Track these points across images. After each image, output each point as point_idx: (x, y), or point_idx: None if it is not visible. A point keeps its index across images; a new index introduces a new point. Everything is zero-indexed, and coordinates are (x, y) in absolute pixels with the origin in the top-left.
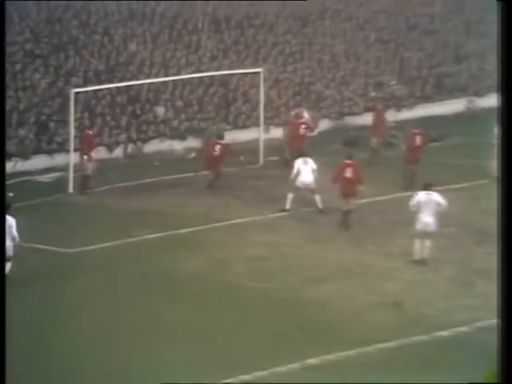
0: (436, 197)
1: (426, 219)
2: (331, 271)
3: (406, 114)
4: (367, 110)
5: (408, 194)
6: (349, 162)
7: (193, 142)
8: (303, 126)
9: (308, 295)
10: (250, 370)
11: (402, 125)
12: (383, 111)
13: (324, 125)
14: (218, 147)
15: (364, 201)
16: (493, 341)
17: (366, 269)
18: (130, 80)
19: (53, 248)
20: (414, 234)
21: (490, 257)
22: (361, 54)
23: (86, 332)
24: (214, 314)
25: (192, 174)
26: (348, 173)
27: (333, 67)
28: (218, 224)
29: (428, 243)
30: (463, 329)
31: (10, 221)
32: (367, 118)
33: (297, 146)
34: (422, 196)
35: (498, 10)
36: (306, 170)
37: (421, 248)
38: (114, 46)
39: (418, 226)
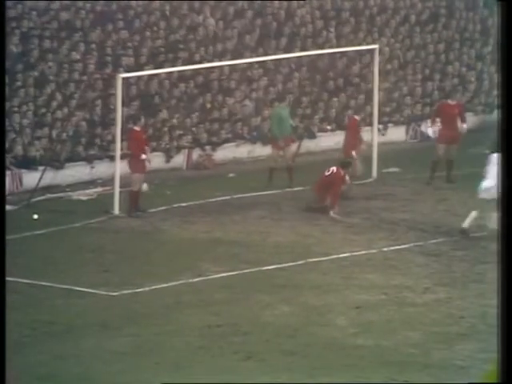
0: None
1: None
2: (473, 325)
3: None
4: None
5: None
6: None
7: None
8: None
9: (439, 357)
10: None
11: None
12: None
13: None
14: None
15: None
16: None
17: None
18: (199, 62)
19: (91, 290)
20: None
21: None
22: None
23: None
24: (307, 378)
25: (279, 191)
26: None
27: (478, 40)
28: (313, 259)
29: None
30: None
31: None
32: None
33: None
34: None
35: (497, 10)
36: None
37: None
38: (180, 19)
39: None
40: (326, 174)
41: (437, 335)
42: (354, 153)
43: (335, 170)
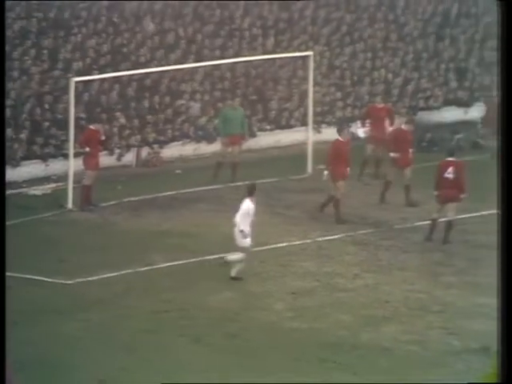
0: None
1: None
2: (395, 308)
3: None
4: (448, 103)
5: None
6: (451, 159)
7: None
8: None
9: (365, 338)
10: None
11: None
12: None
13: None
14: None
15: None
16: None
17: (443, 306)
18: (146, 66)
19: (47, 279)
20: None
21: None
22: (439, 31)
23: (82, 383)
24: (249, 359)
25: (222, 186)
26: (449, 172)
27: (401, 48)
28: (254, 249)
29: None
30: None
31: None
32: (447, 114)
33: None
34: None
35: (497, 10)
36: None
37: None
38: (127, 25)
39: None
40: None
41: (365, 318)
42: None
43: None
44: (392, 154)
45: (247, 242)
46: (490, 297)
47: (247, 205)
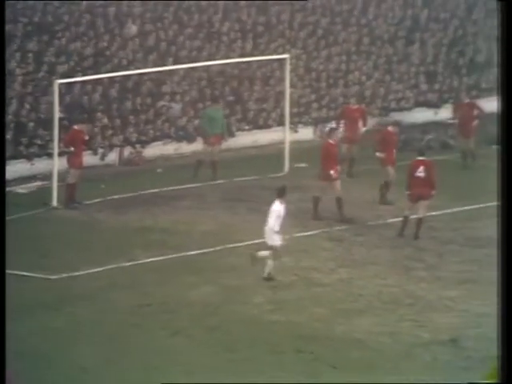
0: None
1: None
2: (369, 302)
3: None
4: (418, 105)
5: (466, 207)
6: (421, 159)
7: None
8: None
9: (340, 330)
10: None
11: (461, 122)
12: (473, 105)
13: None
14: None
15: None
16: None
17: (414, 299)
18: (127, 68)
19: (32, 274)
20: None
21: None
22: (410, 35)
23: (67, 374)
24: (228, 352)
25: (202, 184)
26: (420, 171)
27: (374, 52)
28: (233, 245)
29: None
30: None
31: None
32: (417, 115)
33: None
34: None
35: (497, 10)
36: None
37: None
38: (109, 28)
39: None
40: None
41: (339, 311)
42: None
43: None
44: (378, 154)
45: (277, 240)
46: (457, 290)
47: (277, 206)
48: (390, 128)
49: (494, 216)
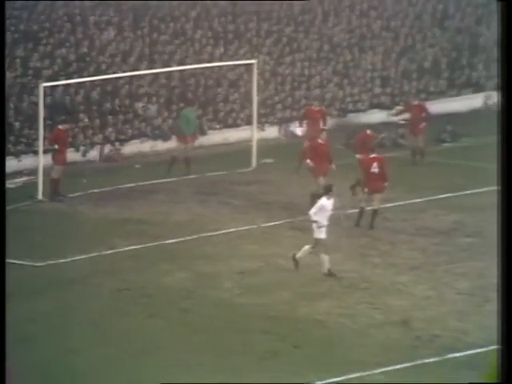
0: None
1: None
2: (330, 286)
3: None
4: (373, 106)
5: (416, 200)
6: (375, 155)
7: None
8: None
9: (304, 312)
10: None
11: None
12: (422, 105)
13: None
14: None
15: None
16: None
17: (369, 283)
18: (106, 72)
19: (20, 262)
20: None
21: None
22: (365, 43)
23: (56, 355)
24: (200, 333)
25: (177, 179)
26: (374, 167)
27: (333, 59)
28: (205, 234)
29: None
30: (480, 350)
31: None
32: (372, 116)
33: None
34: None
35: (498, 10)
36: None
37: None
38: (88, 34)
39: None
40: None
41: (303, 294)
42: None
43: None
44: (358, 156)
45: (322, 233)
46: (408, 276)
47: (324, 201)
48: (368, 132)
49: (441, 208)
